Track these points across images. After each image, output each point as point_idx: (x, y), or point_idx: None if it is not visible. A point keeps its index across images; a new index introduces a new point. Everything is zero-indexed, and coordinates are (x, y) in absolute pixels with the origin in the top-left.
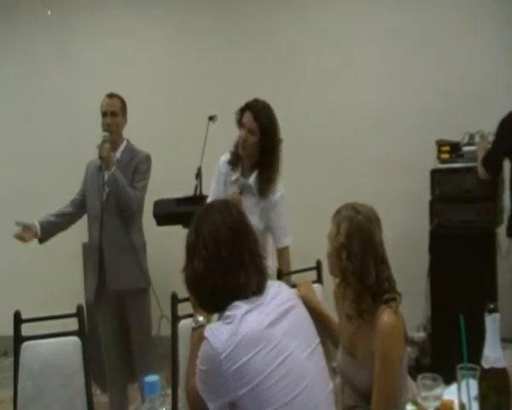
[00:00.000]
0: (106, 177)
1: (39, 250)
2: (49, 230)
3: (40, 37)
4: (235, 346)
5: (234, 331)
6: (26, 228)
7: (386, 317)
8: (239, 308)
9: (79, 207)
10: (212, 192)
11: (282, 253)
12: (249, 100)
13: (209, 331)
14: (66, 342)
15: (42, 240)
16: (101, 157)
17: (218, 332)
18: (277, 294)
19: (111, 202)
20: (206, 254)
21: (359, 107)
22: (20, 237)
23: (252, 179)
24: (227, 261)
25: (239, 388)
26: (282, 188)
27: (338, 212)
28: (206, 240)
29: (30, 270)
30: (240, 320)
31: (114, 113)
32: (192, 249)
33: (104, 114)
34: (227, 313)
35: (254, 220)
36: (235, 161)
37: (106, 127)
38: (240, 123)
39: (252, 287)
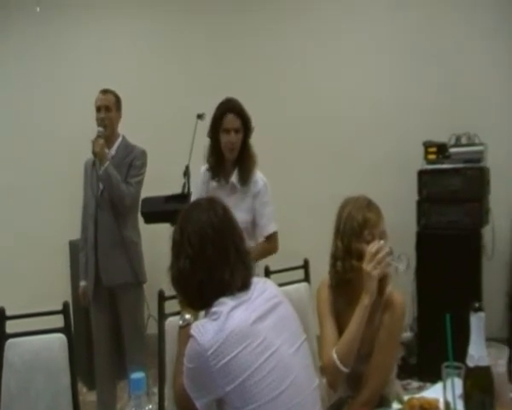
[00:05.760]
0: (100, 172)
1: (25, 247)
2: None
3: (30, 34)
4: (221, 342)
5: (220, 328)
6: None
7: (399, 296)
8: (225, 305)
9: None
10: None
11: (271, 238)
12: (222, 102)
13: (195, 329)
14: (51, 340)
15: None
16: (94, 152)
17: (205, 329)
18: (264, 290)
19: (105, 197)
20: (191, 252)
21: (348, 109)
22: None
23: (234, 177)
24: (212, 259)
25: (226, 384)
26: (262, 177)
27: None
28: (192, 239)
29: (15, 267)
30: (226, 317)
31: (108, 107)
32: (177, 248)
33: (98, 109)
34: (213, 309)
35: (242, 216)
36: (216, 169)
37: (100, 122)
38: (218, 130)
39: (237, 283)
